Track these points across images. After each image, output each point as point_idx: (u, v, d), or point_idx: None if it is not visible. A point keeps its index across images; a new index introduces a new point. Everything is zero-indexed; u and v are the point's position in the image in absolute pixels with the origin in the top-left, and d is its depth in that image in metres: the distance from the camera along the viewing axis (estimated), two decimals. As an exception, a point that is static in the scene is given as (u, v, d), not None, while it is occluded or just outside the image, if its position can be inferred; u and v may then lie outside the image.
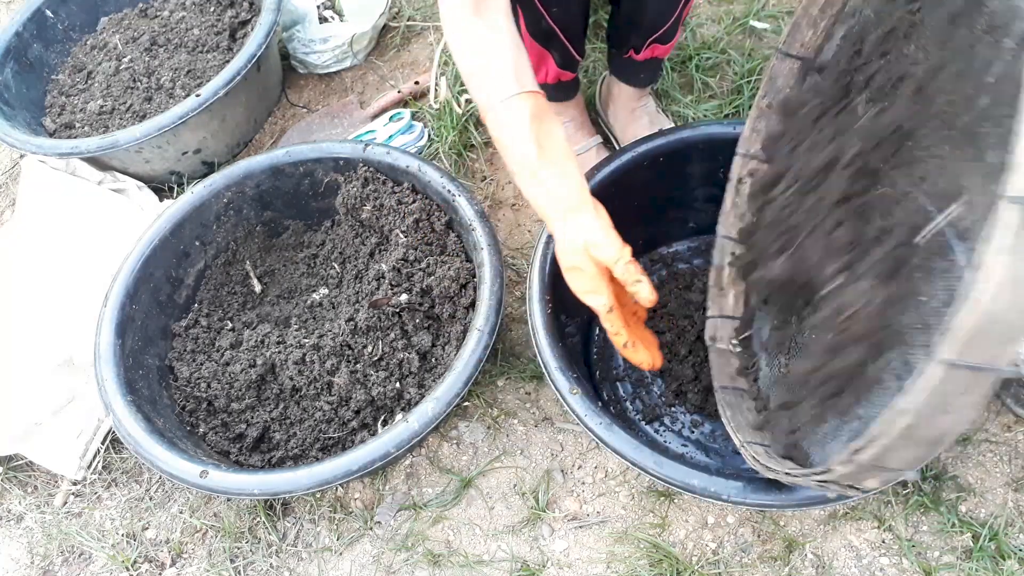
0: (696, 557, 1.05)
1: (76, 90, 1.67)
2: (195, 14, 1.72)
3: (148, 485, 1.25)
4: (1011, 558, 1.00)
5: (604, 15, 1.61)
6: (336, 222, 1.37)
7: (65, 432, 1.24)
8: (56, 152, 1.44)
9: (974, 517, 1.04)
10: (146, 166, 1.51)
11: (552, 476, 1.15)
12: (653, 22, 1.18)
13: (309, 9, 1.70)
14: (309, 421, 1.18)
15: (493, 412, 1.21)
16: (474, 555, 1.10)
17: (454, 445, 1.20)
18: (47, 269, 1.38)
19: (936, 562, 1.02)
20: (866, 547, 1.04)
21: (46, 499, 1.26)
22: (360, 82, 1.70)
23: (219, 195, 1.31)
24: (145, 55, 1.67)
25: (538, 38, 1.14)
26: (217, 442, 1.17)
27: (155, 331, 1.25)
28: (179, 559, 1.18)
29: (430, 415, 1.00)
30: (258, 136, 1.67)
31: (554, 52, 1.17)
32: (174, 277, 1.29)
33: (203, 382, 1.22)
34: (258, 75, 1.56)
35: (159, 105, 1.58)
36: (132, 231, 1.38)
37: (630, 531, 1.09)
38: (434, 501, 1.15)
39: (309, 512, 1.17)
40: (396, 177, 1.28)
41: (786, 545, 1.05)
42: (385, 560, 1.11)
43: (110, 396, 1.11)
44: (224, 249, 1.35)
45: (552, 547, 1.09)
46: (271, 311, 1.33)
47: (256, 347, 1.24)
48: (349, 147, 1.30)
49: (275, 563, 1.14)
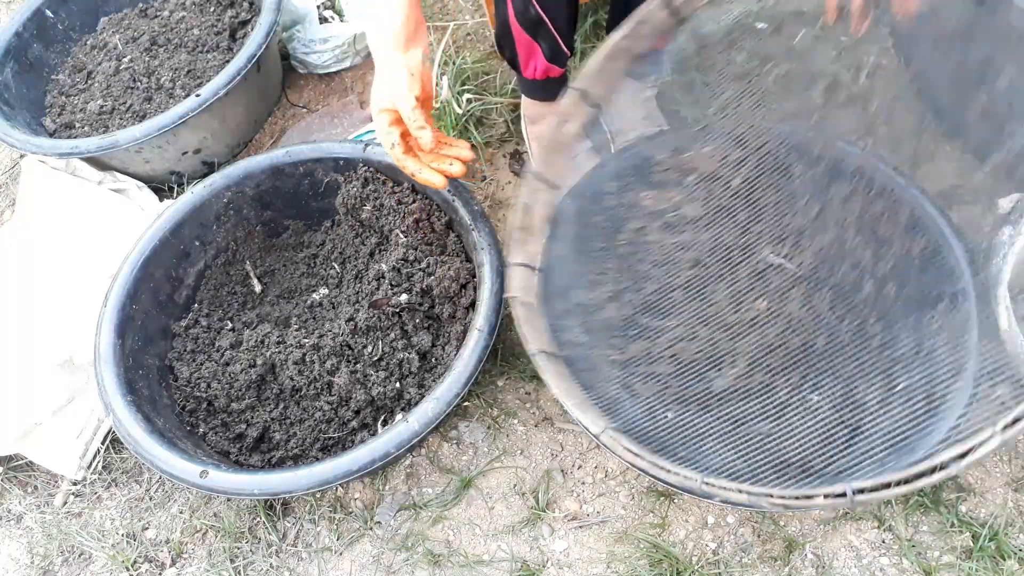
0: (696, 557, 1.06)
1: (76, 90, 1.67)
2: (195, 14, 1.72)
3: (148, 485, 1.25)
4: (1011, 558, 1.00)
5: (604, 15, 1.61)
6: (336, 222, 1.37)
7: (65, 432, 1.24)
8: (56, 152, 1.44)
9: (974, 517, 1.04)
10: (146, 166, 1.51)
11: (552, 476, 1.15)
12: None
13: (309, 9, 1.70)
14: (309, 421, 1.18)
15: (493, 412, 1.22)
16: (474, 555, 1.10)
17: (454, 445, 1.20)
18: (47, 269, 1.38)
19: (936, 562, 1.02)
20: (866, 547, 1.04)
21: (46, 499, 1.27)
22: (360, 82, 1.70)
23: (219, 195, 1.31)
24: (145, 55, 1.67)
25: (526, 27, 1.14)
26: (217, 442, 1.17)
27: (155, 331, 1.25)
28: (179, 559, 1.18)
29: (430, 415, 1.00)
30: (258, 136, 1.67)
31: (542, 43, 1.17)
32: (174, 277, 1.29)
33: (203, 382, 1.22)
34: (258, 75, 1.56)
35: (159, 105, 1.58)
36: (132, 231, 1.38)
37: (630, 531, 1.09)
38: (434, 501, 1.15)
39: (309, 512, 1.17)
40: (396, 177, 1.28)
41: (786, 545, 1.05)
42: (385, 560, 1.11)
43: (110, 396, 1.11)
44: (224, 249, 1.35)
45: (552, 547, 1.09)
46: (271, 311, 1.33)
47: (256, 347, 1.24)
48: (349, 147, 1.30)
49: (275, 563, 1.14)
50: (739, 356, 0.91)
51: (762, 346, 0.90)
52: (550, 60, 1.21)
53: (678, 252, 0.99)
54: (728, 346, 0.92)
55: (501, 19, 1.16)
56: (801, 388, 0.88)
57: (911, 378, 0.82)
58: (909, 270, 0.88)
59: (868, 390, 0.84)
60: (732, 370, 0.90)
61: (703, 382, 0.91)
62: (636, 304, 0.98)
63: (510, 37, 1.17)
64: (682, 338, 0.94)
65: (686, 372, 0.93)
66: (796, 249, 0.92)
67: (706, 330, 0.93)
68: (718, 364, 0.92)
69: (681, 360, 0.93)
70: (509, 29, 1.16)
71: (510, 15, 1.13)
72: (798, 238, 0.93)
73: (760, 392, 0.89)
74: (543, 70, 1.23)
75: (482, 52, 1.63)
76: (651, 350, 0.95)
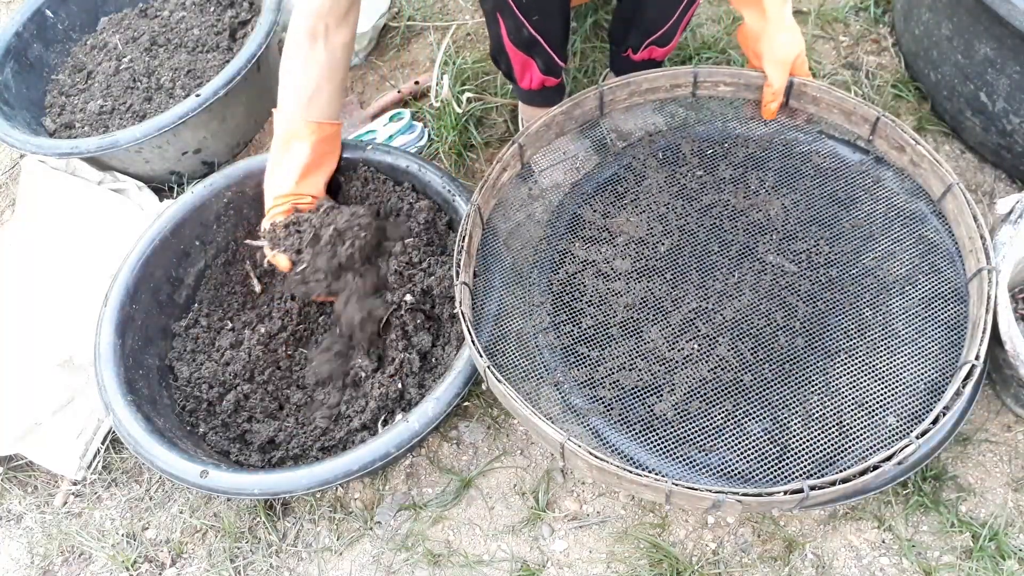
0: (696, 557, 1.06)
1: (76, 90, 1.67)
2: (195, 14, 1.72)
3: (148, 485, 1.25)
4: (1011, 558, 1.00)
5: (604, 15, 1.61)
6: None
7: (65, 432, 1.24)
8: (56, 152, 1.44)
9: (974, 517, 1.04)
10: (146, 166, 1.51)
11: (552, 476, 1.15)
12: (653, 22, 1.18)
13: (309, 9, 1.70)
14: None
15: (493, 412, 1.22)
16: (474, 555, 1.10)
17: (454, 445, 1.20)
18: (47, 269, 1.38)
19: (936, 562, 1.02)
20: (866, 547, 1.04)
21: (46, 499, 1.26)
22: (360, 82, 1.70)
23: (219, 195, 1.31)
24: (145, 55, 1.67)
25: (520, 46, 1.15)
26: (217, 442, 1.17)
27: (155, 331, 1.25)
28: (179, 559, 1.18)
29: (430, 415, 1.00)
30: (258, 136, 1.67)
31: (537, 59, 1.18)
32: (174, 277, 1.29)
33: (203, 382, 1.22)
34: (258, 75, 1.56)
35: (159, 105, 1.58)
36: (132, 231, 1.38)
37: (630, 531, 1.09)
38: (434, 501, 1.15)
39: (309, 512, 1.17)
40: (396, 177, 1.28)
41: (786, 545, 1.05)
42: (385, 560, 1.11)
43: (110, 396, 1.11)
44: (224, 249, 1.35)
45: (552, 547, 1.09)
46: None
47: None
48: (349, 147, 1.30)
49: (275, 563, 1.14)
50: (677, 386, 1.00)
51: (696, 379, 1.00)
52: (545, 73, 1.22)
53: (612, 296, 1.08)
54: (666, 377, 1.01)
55: (495, 37, 1.16)
56: (734, 414, 0.98)
57: (824, 408, 0.98)
58: (815, 327, 1.03)
59: (791, 418, 0.97)
60: (671, 397, 0.99)
61: (645, 407, 0.99)
62: (574, 336, 1.06)
63: (505, 54, 1.18)
64: (622, 367, 1.02)
65: (628, 397, 1.00)
66: (720, 306, 1.05)
67: (644, 363, 1.02)
68: (658, 391, 1.00)
69: (624, 386, 1.01)
70: (503, 47, 1.16)
71: (503, 35, 1.13)
72: (720, 298, 1.06)
73: (698, 417, 0.98)
74: (539, 82, 1.24)
75: (482, 52, 1.63)
76: (592, 376, 1.02)
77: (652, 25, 1.19)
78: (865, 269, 1.07)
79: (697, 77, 1.20)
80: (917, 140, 1.10)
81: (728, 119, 1.23)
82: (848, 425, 0.96)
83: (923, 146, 1.09)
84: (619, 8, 1.24)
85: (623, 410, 0.99)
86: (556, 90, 1.30)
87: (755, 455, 0.95)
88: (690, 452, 0.95)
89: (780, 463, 0.94)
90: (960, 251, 1.06)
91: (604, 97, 1.19)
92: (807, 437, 0.95)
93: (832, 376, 0.99)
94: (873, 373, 0.99)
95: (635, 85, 1.20)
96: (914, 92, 1.43)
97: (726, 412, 0.98)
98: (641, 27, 1.20)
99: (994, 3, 1.11)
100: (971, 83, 1.25)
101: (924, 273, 1.06)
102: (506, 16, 1.09)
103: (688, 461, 0.95)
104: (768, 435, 0.96)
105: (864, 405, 0.97)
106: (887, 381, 0.98)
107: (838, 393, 0.98)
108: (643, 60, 1.28)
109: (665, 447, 0.96)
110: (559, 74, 1.26)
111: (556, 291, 1.10)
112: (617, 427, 0.97)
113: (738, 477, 0.94)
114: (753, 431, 0.96)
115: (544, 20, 1.10)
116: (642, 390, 1.00)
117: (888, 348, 1.01)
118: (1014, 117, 1.20)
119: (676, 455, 0.95)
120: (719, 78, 1.20)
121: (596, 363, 1.02)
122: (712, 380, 1.00)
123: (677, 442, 0.96)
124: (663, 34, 1.20)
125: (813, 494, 0.84)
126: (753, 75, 1.19)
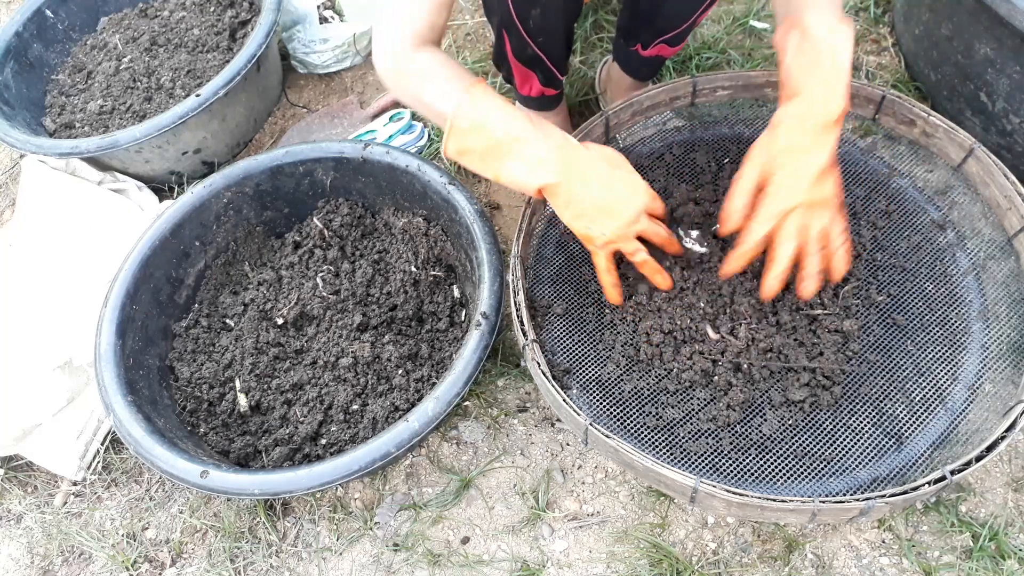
0: (696, 557, 1.06)
1: (76, 90, 1.67)
2: (195, 14, 1.72)
3: (148, 485, 1.25)
4: (1011, 558, 1.00)
5: (604, 15, 1.61)
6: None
7: (65, 433, 1.24)
8: (56, 152, 1.44)
9: (974, 517, 1.04)
10: (146, 166, 1.51)
11: (552, 476, 1.15)
12: (670, 21, 1.18)
13: (309, 9, 1.70)
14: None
15: (493, 412, 1.22)
16: (474, 555, 1.10)
17: (454, 445, 1.20)
18: (47, 269, 1.38)
19: (936, 562, 1.02)
20: (866, 547, 1.04)
21: (46, 499, 1.27)
22: (360, 82, 1.70)
23: (219, 195, 1.31)
24: (145, 55, 1.67)
25: (523, 62, 1.16)
26: (218, 442, 1.17)
27: (155, 331, 1.25)
28: (179, 559, 1.18)
29: (430, 415, 1.00)
30: (258, 136, 1.67)
31: (539, 73, 1.20)
32: (174, 277, 1.29)
33: (203, 382, 1.22)
34: (258, 75, 1.56)
35: (159, 105, 1.58)
36: (132, 231, 1.38)
37: (630, 531, 1.09)
38: (434, 501, 1.15)
39: (309, 512, 1.17)
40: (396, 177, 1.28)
41: (786, 545, 1.05)
42: (385, 560, 1.11)
43: (111, 396, 1.11)
44: (224, 249, 1.35)
45: (552, 547, 1.09)
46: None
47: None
48: (349, 147, 1.30)
49: (275, 563, 1.14)
50: (718, 386, 1.02)
51: (726, 386, 1.02)
52: (545, 85, 1.23)
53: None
54: (708, 376, 1.03)
55: (498, 48, 1.16)
56: (760, 426, 1.00)
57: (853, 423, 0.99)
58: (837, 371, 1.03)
59: (812, 434, 0.99)
60: (717, 392, 1.02)
61: (689, 398, 1.02)
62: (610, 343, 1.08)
63: (507, 64, 1.18)
64: (679, 368, 1.04)
65: (678, 388, 1.03)
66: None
67: (693, 357, 1.04)
68: (705, 382, 1.03)
69: (671, 374, 1.03)
70: (506, 58, 1.16)
71: (507, 50, 1.14)
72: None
73: (735, 424, 1.00)
74: (538, 91, 1.25)
75: (482, 52, 1.63)
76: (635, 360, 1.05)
77: (668, 24, 1.18)
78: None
79: (696, 86, 1.21)
80: (929, 112, 1.11)
81: (734, 123, 1.24)
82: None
83: (935, 116, 1.11)
84: (635, 6, 1.23)
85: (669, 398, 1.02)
86: (555, 97, 1.31)
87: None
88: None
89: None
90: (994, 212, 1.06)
91: (610, 121, 1.20)
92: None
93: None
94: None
95: (637, 104, 1.21)
96: (914, 92, 1.43)
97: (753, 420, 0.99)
98: (656, 25, 1.20)
99: (994, 3, 1.11)
100: (971, 83, 1.26)
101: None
102: (512, 35, 1.09)
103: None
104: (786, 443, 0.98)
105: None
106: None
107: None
108: (651, 56, 1.27)
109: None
110: (559, 85, 1.28)
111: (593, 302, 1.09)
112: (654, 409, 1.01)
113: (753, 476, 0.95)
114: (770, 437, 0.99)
115: (548, 41, 1.11)
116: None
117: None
118: (1014, 117, 1.20)
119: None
120: (718, 83, 1.21)
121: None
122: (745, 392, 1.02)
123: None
124: (676, 35, 1.20)
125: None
126: (752, 75, 1.18)
